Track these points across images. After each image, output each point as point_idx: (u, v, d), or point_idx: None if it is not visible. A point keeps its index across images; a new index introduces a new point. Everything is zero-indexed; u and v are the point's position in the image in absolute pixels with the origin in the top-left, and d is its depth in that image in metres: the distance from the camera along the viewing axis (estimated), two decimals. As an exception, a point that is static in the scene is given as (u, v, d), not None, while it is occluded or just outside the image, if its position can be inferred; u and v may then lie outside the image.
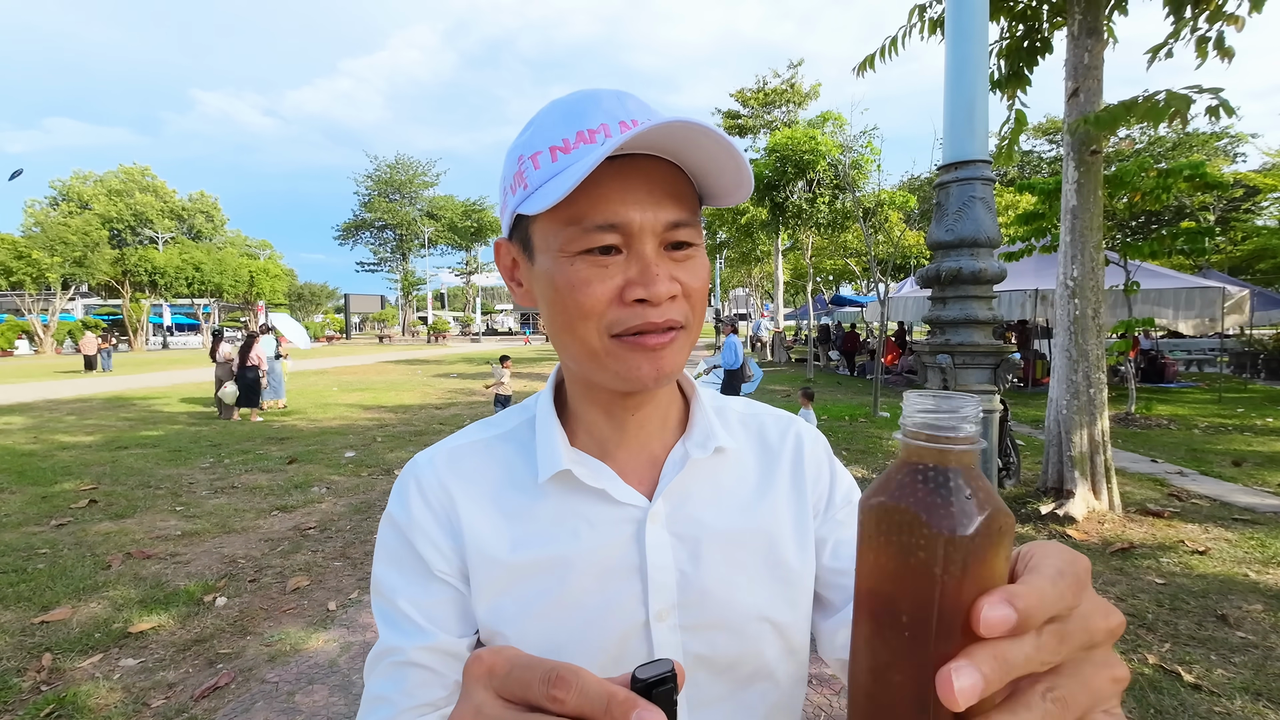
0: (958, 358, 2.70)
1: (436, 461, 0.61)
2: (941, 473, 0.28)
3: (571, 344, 0.54)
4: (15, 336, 32.56)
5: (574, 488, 0.58)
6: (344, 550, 4.25)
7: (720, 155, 0.51)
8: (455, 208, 59.80)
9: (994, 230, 2.69)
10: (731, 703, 0.59)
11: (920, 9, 5.08)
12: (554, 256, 0.52)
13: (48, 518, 4.92)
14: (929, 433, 0.29)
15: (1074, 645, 0.27)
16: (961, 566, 0.26)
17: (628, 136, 0.46)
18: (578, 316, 0.52)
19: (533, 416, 0.63)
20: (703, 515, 0.60)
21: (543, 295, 0.55)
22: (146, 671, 2.79)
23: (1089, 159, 4.56)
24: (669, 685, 0.29)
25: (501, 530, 0.58)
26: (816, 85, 25.47)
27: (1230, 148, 26.29)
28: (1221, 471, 5.80)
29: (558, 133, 0.52)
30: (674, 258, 0.53)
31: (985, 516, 0.27)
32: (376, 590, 0.59)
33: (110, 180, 42.28)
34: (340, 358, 26.95)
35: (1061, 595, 0.27)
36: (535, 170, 0.52)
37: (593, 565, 0.57)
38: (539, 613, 0.56)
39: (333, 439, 8.19)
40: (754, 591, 0.59)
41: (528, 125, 0.56)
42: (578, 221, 0.50)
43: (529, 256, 0.56)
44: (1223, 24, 4.51)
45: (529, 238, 0.55)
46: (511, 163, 0.56)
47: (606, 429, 0.60)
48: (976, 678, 0.24)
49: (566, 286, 0.51)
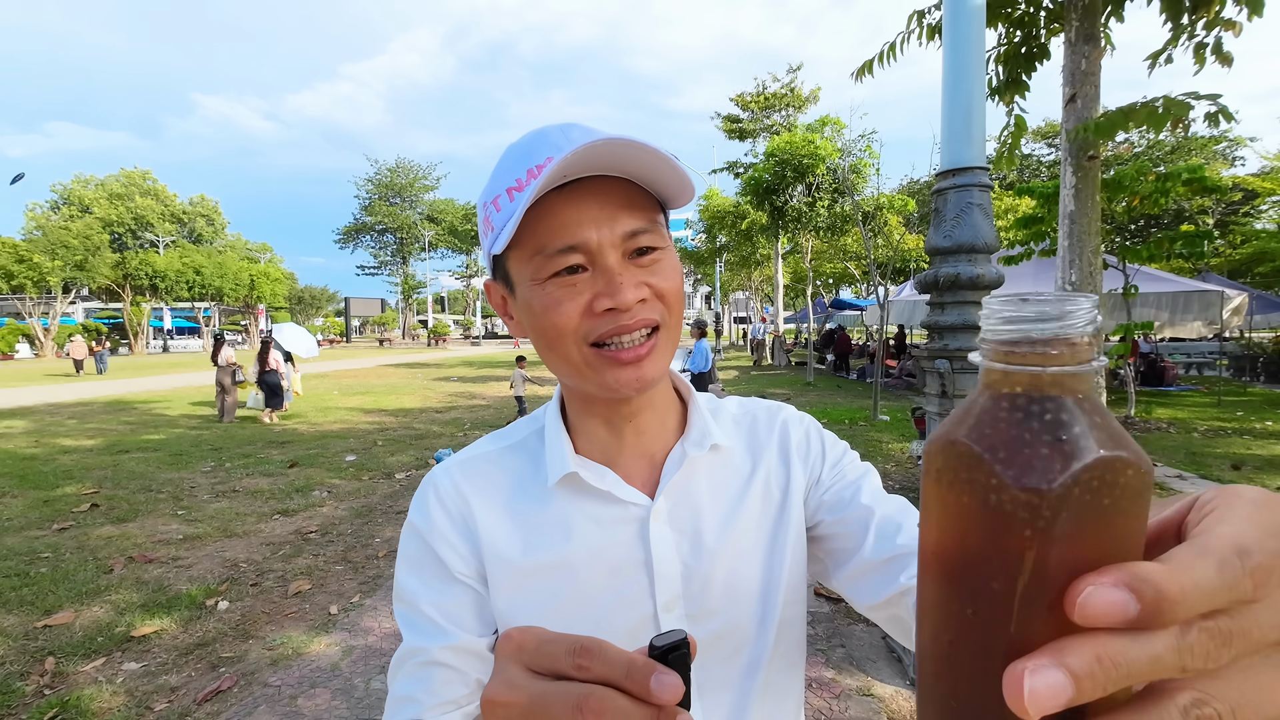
0: (956, 363, 2.72)
1: (453, 472, 0.65)
2: (1036, 401, 0.21)
3: (556, 361, 0.58)
4: (16, 340, 32.61)
5: (581, 490, 0.62)
6: (345, 554, 4.26)
7: (655, 164, 0.54)
8: (456, 211, 59.93)
9: (991, 236, 2.71)
10: (737, 689, 0.62)
11: (919, 15, 5.10)
12: (529, 286, 0.56)
13: (50, 522, 4.93)
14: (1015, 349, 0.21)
15: (1244, 649, 0.19)
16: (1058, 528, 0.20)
17: (551, 168, 0.49)
18: (554, 335, 0.55)
19: (541, 427, 0.67)
20: (701, 509, 0.63)
21: (526, 323, 0.59)
22: (149, 675, 2.80)
23: (1087, 164, 4.59)
24: (683, 651, 0.31)
25: (514, 533, 0.62)
26: (816, 90, 25.50)
27: (1229, 151, 26.37)
28: (1221, 475, 5.81)
29: (511, 175, 0.56)
30: (639, 264, 0.56)
31: (1097, 461, 0.20)
32: (399, 597, 0.62)
33: (111, 184, 42.39)
34: (341, 361, 26.97)
35: (1236, 581, 0.19)
36: (497, 213, 0.56)
37: (601, 562, 0.61)
38: (552, 609, 0.60)
39: (334, 443, 8.20)
40: (753, 577, 0.63)
41: (490, 175, 0.59)
42: (541, 250, 0.54)
43: (511, 291, 0.60)
44: (1220, 29, 4.54)
45: (508, 275, 0.59)
46: (480, 211, 0.60)
47: (607, 438, 0.64)
48: (1061, 682, 0.18)
49: (542, 310, 0.55)
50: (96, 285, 35.03)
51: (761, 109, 26.17)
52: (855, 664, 2.85)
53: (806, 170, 16.31)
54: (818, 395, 12.99)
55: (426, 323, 60.37)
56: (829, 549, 0.67)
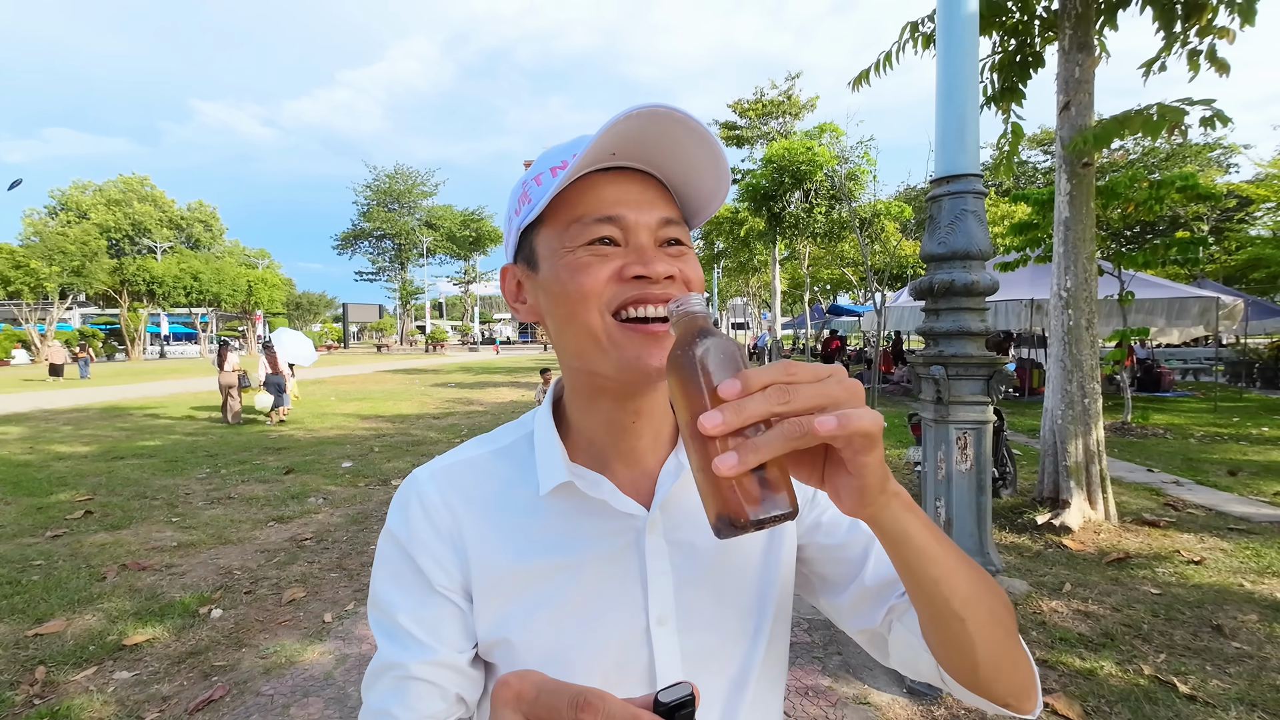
0: (951, 369, 2.72)
1: (437, 477, 0.63)
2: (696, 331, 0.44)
3: (574, 332, 0.56)
4: (12, 346, 32.53)
5: (575, 499, 0.60)
6: (340, 561, 4.24)
7: (699, 152, 0.55)
8: (454, 217, 59.98)
9: (986, 243, 2.72)
10: (725, 703, 0.62)
11: (913, 25, 5.13)
12: (558, 255, 0.56)
13: (43, 529, 4.90)
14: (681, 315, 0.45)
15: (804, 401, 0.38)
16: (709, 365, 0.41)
17: (614, 119, 0.50)
18: (578, 299, 0.54)
19: (529, 432, 0.65)
20: (697, 521, 0.62)
21: (546, 294, 0.58)
22: (141, 684, 2.78)
23: (1081, 171, 4.60)
24: (689, 709, 0.30)
25: (504, 541, 0.60)
26: (814, 98, 25.62)
27: (1223, 158, 26.50)
28: (1217, 481, 5.81)
29: (557, 157, 0.58)
30: (669, 253, 0.57)
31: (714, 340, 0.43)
32: (375, 604, 0.60)
33: (109, 190, 42.42)
34: (338, 367, 26.93)
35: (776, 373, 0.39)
36: (537, 186, 0.57)
37: (595, 573, 0.59)
38: (543, 619, 0.58)
39: (330, 449, 8.18)
40: (744, 592, 0.63)
41: (528, 170, 0.62)
42: (578, 219, 0.55)
43: (534, 268, 0.59)
44: (1214, 37, 4.57)
45: (533, 251, 0.59)
46: (516, 191, 0.61)
47: (605, 440, 0.62)
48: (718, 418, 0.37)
49: (568, 273, 0.55)
50: (93, 291, 34.97)
51: (759, 116, 26.27)
52: (852, 672, 2.84)
53: (804, 177, 16.38)
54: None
55: (424, 328, 60.30)
56: (821, 572, 0.67)
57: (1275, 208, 18.64)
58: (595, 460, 0.62)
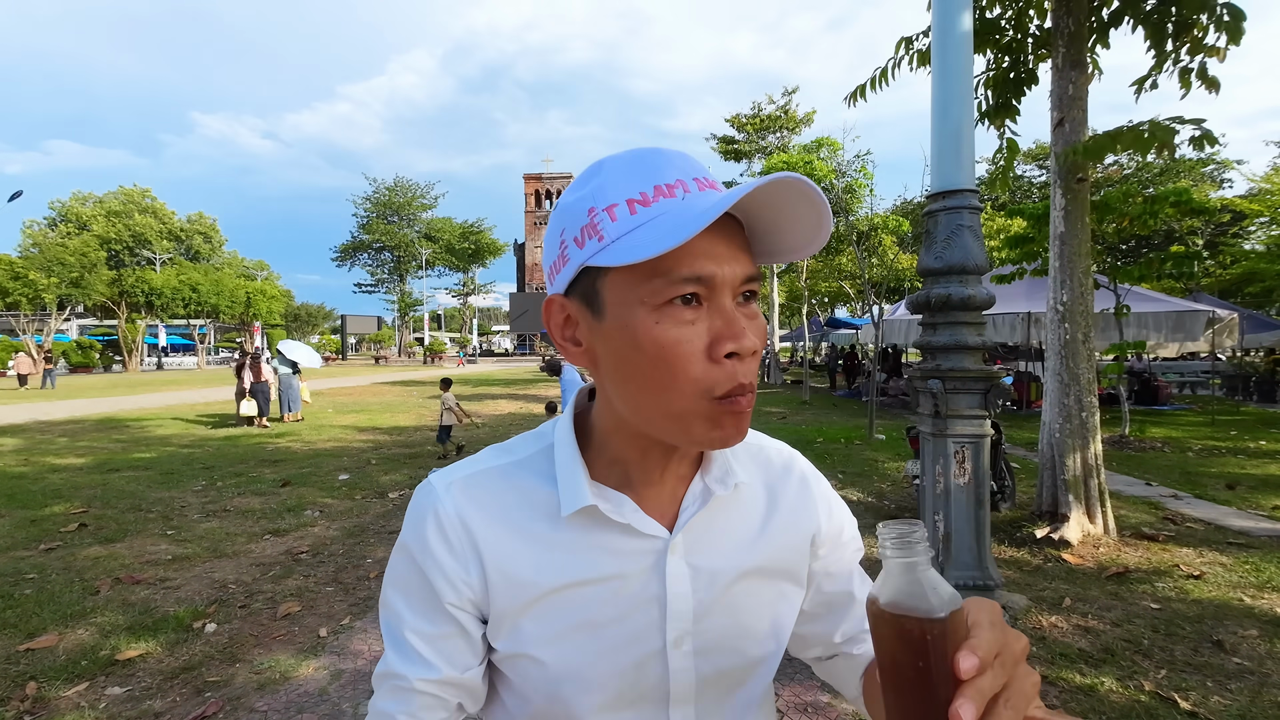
0: (948, 383, 2.73)
1: (454, 489, 0.61)
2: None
3: (656, 406, 0.52)
4: (9, 357, 32.43)
5: (597, 520, 0.59)
6: (336, 575, 4.21)
7: (804, 211, 0.52)
8: (453, 230, 60.25)
9: (982, 258, 2.74)
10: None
11: (907, 42, 5.20)
12: (634, 309, 0.51)
13: (36, 541, 4.86)
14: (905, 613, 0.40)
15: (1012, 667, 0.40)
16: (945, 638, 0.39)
17: (745, 190, 0.48)
18: (670, 380, 0.50)
19: (549, 445, 0.63)
20: (718, 547, 0.63)
21: (619, 353, 0.53)
22: (133, 700, 2.75)
23: (1076, 186, 4.65)
24: None
25: (523, 556, 0.59)
26: (811, 112, 25.82)
27: (1217, 173, 26.75)
28: (1216, 495, 5.81)
29: (633, 185, 0.52)
30: (746, 313, 0.53)
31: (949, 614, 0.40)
32: (385, 608, 0.61)
33: (110, 201, 42.53)
34: (336, 379, 26.88)
35: (998, 637, 0.40)
36: (613, 222, 0.51)
37: (614, 593, 0.59)
38: (561, 636, 0.59)
39: (327, 461, 8.14)
40: (761, 616, 0.64)
41: (589, 178, 0.54)
42: (665, 274, 0.49)
43: (595, 312, 0.54)
44: (1204, 55, 4.63)
45: (597, 294, 0.53)
46: (579, 214, 0.53)
47: (634, 464, 0.60)
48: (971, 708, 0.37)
49: (654, 347, 0.50)
50: (92, 302, 34.96)
51: (757, 130, 26.48)
52: (851, 688, 2.81)
53: (801, 190, 16.45)
54: (814, 414, 12.98)
55: (423, 340, 60.32)
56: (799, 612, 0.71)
57: (1269, 222, 18.77)
58: (619, 478, 0.61)
